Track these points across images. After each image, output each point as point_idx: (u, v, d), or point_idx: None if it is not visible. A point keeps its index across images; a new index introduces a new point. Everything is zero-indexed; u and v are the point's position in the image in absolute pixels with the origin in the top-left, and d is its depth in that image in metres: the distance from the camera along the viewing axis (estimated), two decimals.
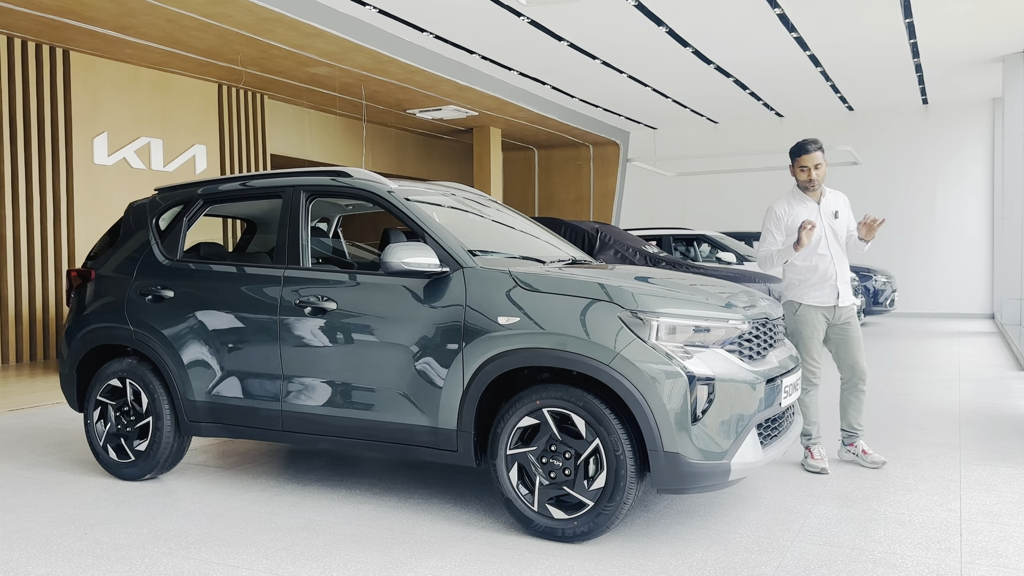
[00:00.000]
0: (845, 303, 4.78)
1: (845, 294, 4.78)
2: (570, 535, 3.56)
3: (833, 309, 4.78)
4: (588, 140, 19.59)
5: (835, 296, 4.76)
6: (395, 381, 3.96)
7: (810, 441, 4.79)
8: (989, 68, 13.90)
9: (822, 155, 4.77)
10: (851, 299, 4.82)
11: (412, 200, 4.29)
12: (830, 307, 4.77)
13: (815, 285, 4.78)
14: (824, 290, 4.77)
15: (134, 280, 4.83)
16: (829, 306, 4.77)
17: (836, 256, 4.79)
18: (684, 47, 12.22)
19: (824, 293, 4.77)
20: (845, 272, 4.81)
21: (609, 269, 4.47)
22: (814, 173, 4.74)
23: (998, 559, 3.37)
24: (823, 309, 4.78)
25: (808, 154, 4.73)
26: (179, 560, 3.46)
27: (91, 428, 4.84)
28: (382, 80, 12.93)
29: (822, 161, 4.75)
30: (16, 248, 10.37)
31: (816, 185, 4.77)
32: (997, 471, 4.74)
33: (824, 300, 4.77)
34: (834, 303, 4.76)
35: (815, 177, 4.73)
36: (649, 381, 3.39)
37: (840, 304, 4.76)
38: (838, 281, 4.76)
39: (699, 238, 12.52)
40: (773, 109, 17.36)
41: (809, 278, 4.79)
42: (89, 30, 9.94)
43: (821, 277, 4.77)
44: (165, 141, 12.13)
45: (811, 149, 4.72)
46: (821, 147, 4.78)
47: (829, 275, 4.76)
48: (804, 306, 4.79)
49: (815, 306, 4.78)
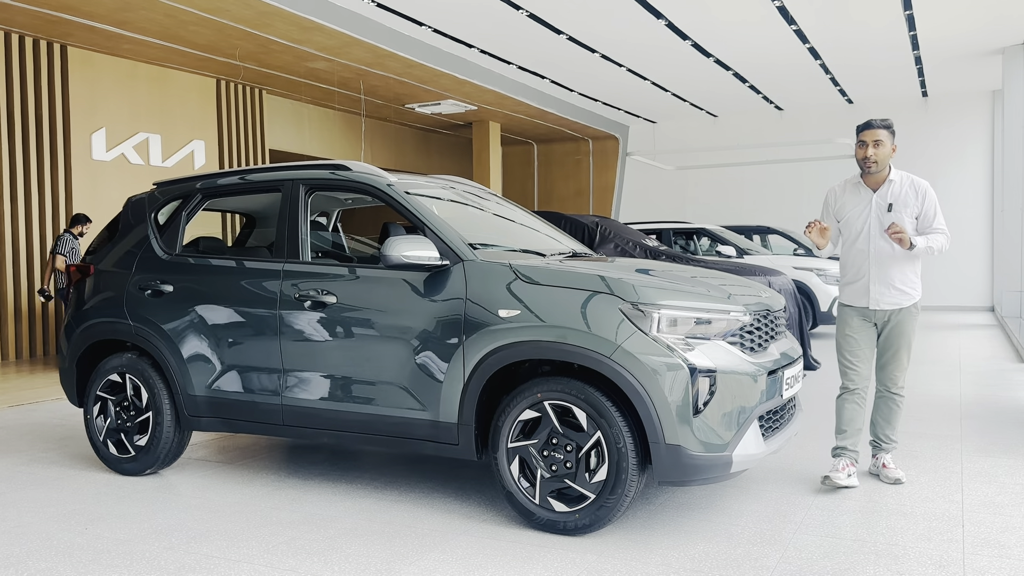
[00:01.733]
0: (877, 307, 4.28)
1: (879, 296, 4.27)
2: (572, 528, 3.55)
3: (871, 312, 4.32)
4: (587, 134, 19.57)
5: (866, 297, 4.30)
6: (395, 375, 3.95)
7: (833, 453, 4.39)
8: (989, 60, 13.88)
9: (887, 134, 4.25)
10: (890, 303, 4.27)
11: (412, 193, 4.27)
12: (865, 308, 4.33)
13: (850, 282, 4.39)
14: (856, 289, 4.35)
15: (133, 275, 4.81)
16: (862, 307, 4.33)
17: (875, 253, 4.28)
18: (683, 40, 12.20)
19: (856, 292, 4.35)
20: (886, 272, 4.26)
21: (610, 262, 4.45)
22: (871, 150, 4.22)
23: (1000, 550, 3.37)
24: (858, 309, 4.35)
25: (870, 129, 4.25)
26: (180, 554, 3.46)
27: (91, 423, 4.83)
28: (381, 75, 12.91)
29: (884, 139, 4.23)
30: (15, 244, 10.36)
31: (875, 167, 4.25)
32: (998, 462, 4.73)
33: (855, 300, 4.35)
34: (865, 304, 4.31)
35: (871, 155, 4.22)
36: (650, 373, 3.38)
37: (872, 307, 4.30)
38: (871, 281, 4.28)
39: (699, 232, 12.50)
40: (773, 102, 17.33)
41: (846, 274, 4.43)
42: (87, 25, 9.91)
43: (855, 274, 4.36)
44: (164, 136, 12.11)
45: (875, 124, 4.25)
46: (889, 126, 4.28)
47: (862, 273, 4.31)
48: (840, 303, 4.46)
49: (849, 305, 4.39)
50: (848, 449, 4.33)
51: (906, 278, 4.28)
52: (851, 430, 4.34)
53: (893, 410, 4.40)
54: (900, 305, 4.28)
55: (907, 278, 4.29)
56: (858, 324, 4.36)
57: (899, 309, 4.29)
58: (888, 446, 4.42)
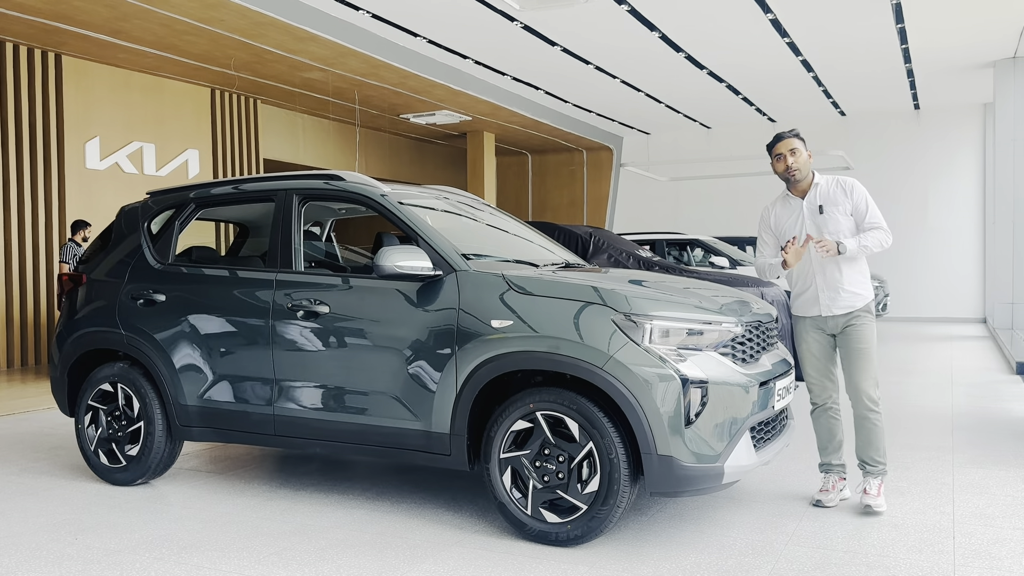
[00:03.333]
0: (830, 312, 4.15)
1: (829, 302, 4.14)
2: (564, 539, 3.55)
3: (824, 320, 4.19)
4: (581, 145, 19.63)
5: (817, 305, 4.18)
6: (388, 385, 3.95)
7: (821, 468, 4.29)
8: (980, 73, 13.98)
9: (800, 142, 4.20)
10: (843, 307, 4.13)
11: (405, 204, 4.28)
12: (819, 317, 4.20)
13: (799, 292, 4.26)
14: (806, 299, 4.23)
15: (126, 284, 4.81)
16: (815, 316, 4.21)
17: (817, 260, 4.15)
18: (677, 52, 12.26)
19: (806, 302, 4.23)
20: (832, 277, 4.13)
21: (603, 273, 4.46)
22: (790, 160, 4.15)
23: (991, 561, 3.37)
24: (812, 319, 4.23)
25: (782, 140, 4.20)
26: (170, 565, 3.44)
27: (82, 433, 4.81)
28: (375, 85, 12.94)
29: (799, 147, 4.17)
30: (7, 253, 10.33)
31: (797, 175, 4.18)
32: (990, 474, 4.74)
33: (807, 310, 4.24)
34: (817, 313, 4.19)
35: (792, 164, 4.15)
36: (642, 384, 3.38)
37: (824, 314, 4.17)
38: (819, 288, 4.16)
39: (692, 243, 12.53)
40: (766, 114, 17.42)
41: (794, 285, 4.30)
42: (81, 34, 9.92)
43: (803, 285, 4.25)
44: (158, 146, 12.11)
45: (785, 135, 4.20)
46: (797, 134, 4.23)
47: (809, 281, 4.20)
48: (794, 316, 4.34)
49: (802, 316, 4.28)
50: (833, 464, 4.25)
51: (853, 279, 4.15)
52: (832, 445, 4.24)
53: (871, 430, 4.12)
54: (852, 307, 4.14)
55: (854, 279, 4.16)
56: (813, 337, 4.24)
57: (851, 313, 4.14)
58: (874, 469, 4.11)
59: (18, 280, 10.44)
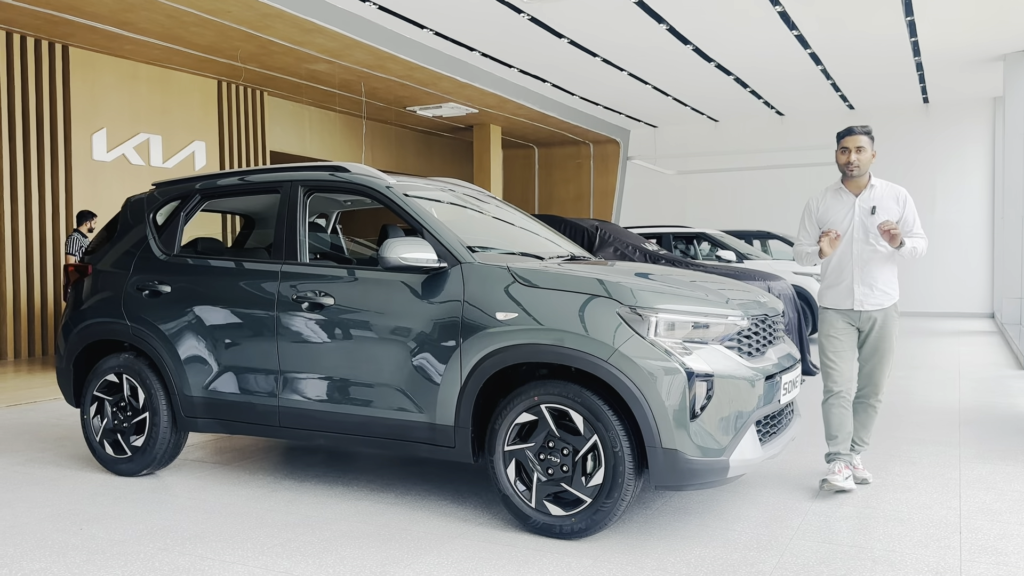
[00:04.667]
0: (862, 308, 4.32)
1: (863, 298, 4.31)
2: (568, 532, 3.54)
3: (856, 314, 4.35)
4: (588, 138, 19.58)
5: (850, 299, 4.33)
6: (392, 377, 3.94)
7: (828, 459, 4.40)
8: (990, 67, 13.87)
9: (869, 140, 4.33)
10: (874, 304, 4.32)
11: (411, 196, 4.27)
12: (849, 311, 4.36)
13: (832, 285, 4.42)
14: (839, 291, 4.38)
15: (131, 275, 4.81)
16: (846, 309, 4.36)
17: (859, 255, 4.32)
18: (685, 45, 12.20)
19: (839, 295, 4.38)
20: (869, 274, 4.31)
21: (609, 265, 4.45)
22: (854, 156, 4.29)
23: (997, 557, 3.35)
24: (842, 312, 4.38)
25: (852, 135, 4.32)
26: (175, 556, 3.45)
27: (88, 424, 4.82)
28: (382, 77, 12.91)
29: (866, 145, 4.31)
30: (15, 244, 10.35)
31: (857, 172, 4.33)
32: (997, 469, 4.72)
33: (839, 302, 4.37)
34: (850, 306, 4.34)
35: (854, 160, 4.29)
36: (647, 377, 3.37)
37: (855, 308, 4.33)
38: (855, 282, 4.32)
39: (699, 236, 12.48)
40: (774, 108, 17.34)
41: (827, 277, 4.45)
42: (88, 25, 9.92)
43: (837, 277, 4.39)
44: (164, 137, 12.12)
45: (856, 131, 4.33)
46: (869, 131, 4.36)
47: (845, 275, 4.35)
48: (821, 307, 4.48)
49: (831, 308, 4.41)
50: (842, 454, 4.36)
51: (887, 279, 4.37)
52: (842, 435, 4.35)
53: (871, 416, 4.49)
54: (882, 305, 4.35)
55: (888, 279, 4.37)
56: (842, 326, 4.39)
57: (882, 310, 4.35)
58: (859, 448, 4.50)
59: (25, 271, 10.47)
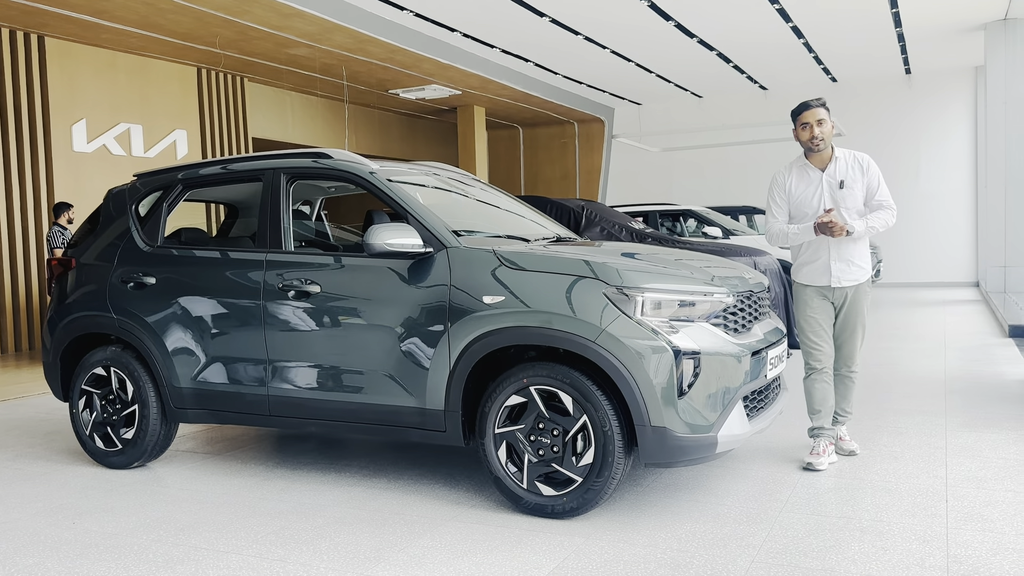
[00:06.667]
0: (839, 284, 4.28)
1: (840, 274, 4.27)
2: (559, 511, 3.57)
3: (831, 290, 4.31)
4: (573, 117, 19.52)
5: (827, 276, 4.28)
6: (381, 363, 3.95)
7: (811, 433, 4.41)
8: (971, 36, 13.90)
9: (826, 112, 4.25)
10: (851, 280, 4.28)
11: (394, 181, 4.25)
12: (825, 287, 4.32)
13: (808, 262, 4.36)
14: (815, 268, 4.32)
15: (115, 267, 4.78)
16: (822, 286, 4.32)
17: None
18: (666, 21, 12.15)
19: (815, 271, 4.32)
20: (846, 250, 4.27)
21: (595, 246, 4.45)
22: (817, 129, 4.22)
23: (983, 523, 3.40)
24: (817, 288, 4.33)
25: (809, 110, 4.23)
26: (168, 547, 3.46)
27: (77, 417, 4.81)
28: (363, 60, 12.81)
29: (825, 117, 4.23)
30: None
31: (822, 145, 4.25)
32: (982, 437, 4.78)
33: (815, 279, 4.32)
34: (827, 283, 4.30)
35: (817, 134, 4.22)
36: (635, 356, 3.38)
37: (833, 285, 4.29)
38: (831, 259, 4.27)
39: (685, 213, 12.50)
40: (757, 82, 17.32)
41: (801, 254, 4.40)
42: (63, 15, 9.78)
43: (812, 255, 4.34)
44: (145, 127, 12.00)
45: (813, 104, 4.24)
46: (824, 104, 4.28)
47: (821, 252, 4.29)
48: (797, 284, 4.43)
49: (807, 284, 4.36)
50: (825, 428, 4.38)
51: (862, 254, 4.34)
52: (824, 409, 4.37)
53: (849, 387, 4.49)
54: (858, 281, 4.32)
55: (863, 254, 4.35)
56: (818, 304, 4.36)
57: (856, 285, 4.33)
58: (843, 419, 4.51)
59: (8, 265, 10.38)
